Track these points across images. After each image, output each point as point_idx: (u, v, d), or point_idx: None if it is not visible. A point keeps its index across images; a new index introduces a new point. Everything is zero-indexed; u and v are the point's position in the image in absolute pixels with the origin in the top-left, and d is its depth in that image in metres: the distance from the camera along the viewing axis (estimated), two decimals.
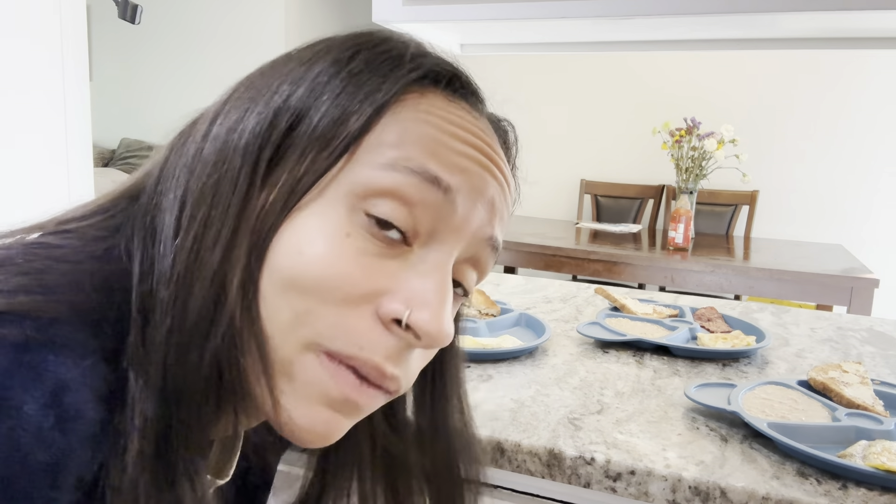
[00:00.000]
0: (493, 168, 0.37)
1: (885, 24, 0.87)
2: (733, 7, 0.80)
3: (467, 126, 0.37)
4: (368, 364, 0.34)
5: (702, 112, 3.09)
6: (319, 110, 0.35)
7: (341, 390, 0.34)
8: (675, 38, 1.05)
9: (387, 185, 0.34)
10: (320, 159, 0.34)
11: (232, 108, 0.36)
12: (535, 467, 0.61)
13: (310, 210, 0.34)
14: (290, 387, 0.34)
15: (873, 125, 3.35)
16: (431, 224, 0.35)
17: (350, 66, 0.36)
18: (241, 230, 0.33)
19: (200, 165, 0.34)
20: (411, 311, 0.33)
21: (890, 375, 0.87)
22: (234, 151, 0.34)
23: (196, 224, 0.33)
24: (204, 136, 0.35)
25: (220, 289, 0.32)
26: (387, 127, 0.35)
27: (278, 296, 0.33)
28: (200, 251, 0.32)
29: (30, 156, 1.50)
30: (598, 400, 0.73)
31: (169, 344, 0.31)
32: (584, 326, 0.97)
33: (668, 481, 0.57)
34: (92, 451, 0.28)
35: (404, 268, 0.35)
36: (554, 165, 3.98)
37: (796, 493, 0.54)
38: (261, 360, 0.33)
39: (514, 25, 0.98)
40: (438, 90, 0.38)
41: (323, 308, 0.33)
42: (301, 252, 0.33)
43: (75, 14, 1.54)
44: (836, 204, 3.45)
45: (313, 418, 0.34)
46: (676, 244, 2.59)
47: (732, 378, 0.83)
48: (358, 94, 0.35)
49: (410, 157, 0.34)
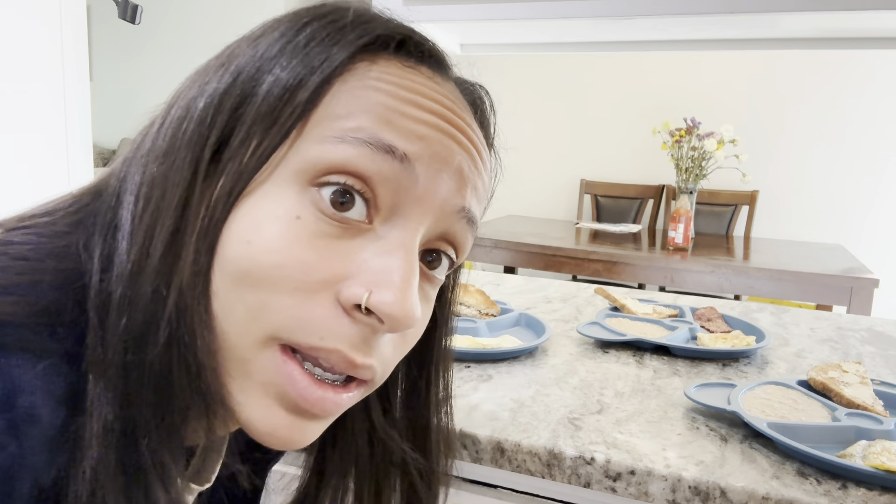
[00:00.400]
0: (457, 134, 0.35)
1: (885, 24, 0.87)
2: (733, 7, 0.80)
3: (424, 91, 0.34)
4: (333, 354, 0.32)
5: (702, 112, 3.09)
6: (264, 88, 0.33)
7: (298, 392, 0.32)
8: (675, 38, 1.05)
9: (337, 159, 0.32)
10: (266, 139, 0.32)
11: (182, 97, 0.35)
12: (535, 467, 0.62)
13: (258, 195, 0.32)
14: (249, 386, 0.32)
15: (873, 125, 3.35)
16: (391, 198, 0.33)
17: (297, 38, 0.34)
18: (188, 222, 0.31)
19: (153, 158, 0.33)
20: (371, 293, 0.31)
21: (890, 375, 0.87)
22: (181, 141, 0.33)
23: (146, 218, 0.32)
24: (158, 129, 0.34)
25: (167, 286, 0.30)
26: (335, 98, 0.33)
27: (230, 290, 0.31)
28: (150, 247, 0.31)
29: (30, 156, 1.50)
30: (598, 400, 0.73)
31: (125, 345, 0.30)
32: (584, 326, 0.97)
33: (668, 481, 0.57)
34: (49, 457, 0.27)
35: (364, 248, 0.32)
36: (554, 165, 3.98)
37: (796, 493, 0.54)
38: (217, 360, 0.32)
39: (513, 25, 0.98)
40: (391, 56, 0.35)
41: (277, 299, 0.31)
42: (249, 241, 0.31)
43: (75, 14, 1.54)
44: (836, 204, 3.45)
45: (274, 423, 0.32)
46: (676, 244, 2.59)
47: (732, 378, 0.83)
48: (304, 67, 0.33)
49: (361, 127, 0.32)
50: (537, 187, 3.99)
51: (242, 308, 0.31)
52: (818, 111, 3.44)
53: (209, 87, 0.34)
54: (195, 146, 0.32)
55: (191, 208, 0.32)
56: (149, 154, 0.33)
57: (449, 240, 0.36)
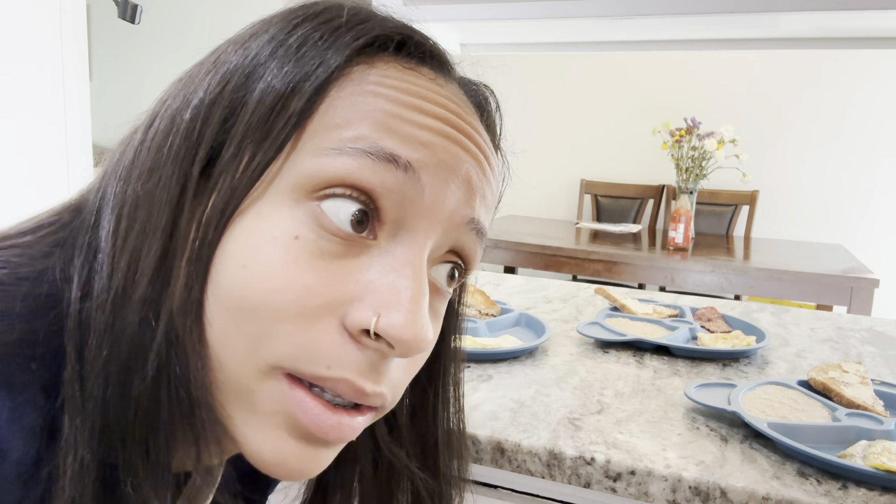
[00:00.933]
0: (463, 140, 0.32)
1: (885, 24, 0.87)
2: (733, 7, 0.80)
3: (427, 95, 0.32)
4: (341, 384, 0.29)
5: (702, 112, 3.09)
6: (255, 97, 0.30)
7: (312, 420, 0.29)
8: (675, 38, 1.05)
9: (336, 172, 0.29)
10: (259, 153, 0.30)
11: (167, 108, 0.32)
12: (535, 467, 0.61)
13: (252, 213, 0.29)
14: (254, 418, 0.30)
15: (873, 124, 3.35)
16: (396, 211, 0.30)
17: (288, 41, 0.31)
18: (177, 245, 0.29)
19: (136, 174, 0.31)
20: (379, 317, 0.29)
21: (890, 375, 0.87)
22: (167, 156, 0.30)
23: (131, 241, 0.29)
24: (141, 142, 0.32)
25: (155, 316, 0.28)
26: (331, 106, 0.30)
27: (226, 318, 0.29)
28: (136, 272, 0.29)
29: (30, 156, 1.50)
30: (598, 400, 0.73)
31: (107, 378, 0.28)
32: (584, 326, 0.97)
33: (668, 481, 0.57)
34: (19, 495, 0.26)
35: (369, 266, 0.30)
36: (554, 165, 3.98)
37: (796, 493, 0.54)
38: (213, 393, 0.30)
39: (513, 25, 0.98)
40: (390, 58, 0.33)
41: (278, 328, 0.28)
42: (245, 266, 0.29)
43: (75, 14, 1.54)
44: (836, 204, 3.45)
45: (285, 454, 0.30)
46: (676, 244, 2.59)
47: (732, 378, 0.83)
48: (297, 73, 0.30)
49: (360, 136, 0.30)
50: (537, 187, 3.99)
51: (241, 337, 0.29)
52: (818, 111, 3.44)
53: (195, 96, 0.31)
54: (182, 162, 0.30)
55: (180, 230, 0.29)
56: (131, 169, 0.31)
57: (457, 252, 0.34)
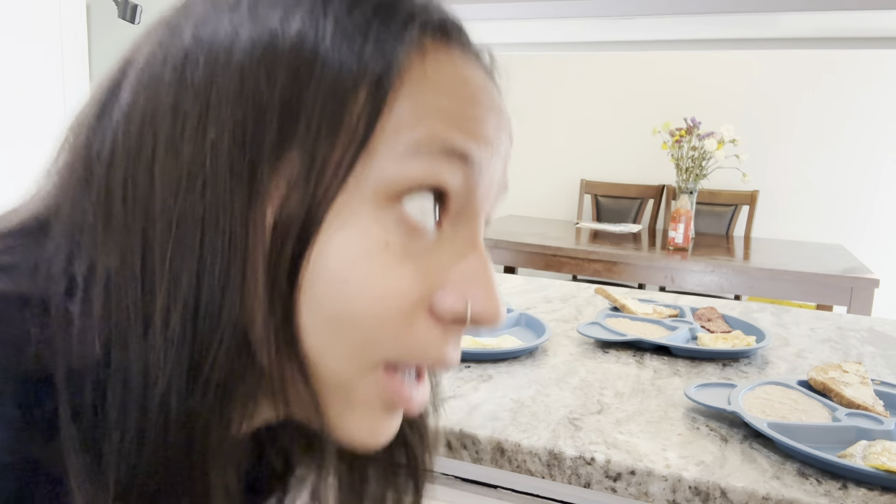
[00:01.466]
0: (501, 119, 0.33)
1: (884, 24, 0.87)
2: (733, 7, 0.80)
3: (477, 82, 0.32)
4: (435, 363, 0.32)
5: (702, 112, 3.09)
6: (315, 95, 0.28)
7: (405, 402, 0.32)
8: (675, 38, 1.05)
9: (417, 175, 0.29)
10: (332, 161, 0.28)
11: (189, 84, 0.28)
12: (535, 467, 0.61)
13: (337, 224, 0.28)
14: (350, 408, 0.32)
15: (874, 124, 3.35)
16: (462, 198, 0.31)
17: (348, 18, 0.29)
18: (253, 266, 0.28)
19: (161, 190, 0.27)
20: (471, 303, 0.31)
21: (890, 375, 0.86)
22: (213, 158, 0.27)
23: (185, 272, 0.27)
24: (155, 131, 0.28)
25: (245, 344, 0.28)
26: (397, 102, 0.29)
27: (325, 328, 0.29)
28: (209, 304, 0.27)
29: (29, 156, 1.50)
30: (598, 400, 0.73)
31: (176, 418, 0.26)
32: (584, 326, 0.97)
33: (668, 481, 0.57)
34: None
35: (441, 252, 0.31)
36: (554, 165, 3.98)
37: (796, 493, 0.54)
38: (309, 392, 0.30)
39: (513, 25, 0.98)
40: (435, 43, 0.31)
41: (382, 331, 0.30)
42: (346, 281, 0.28)
43: (75, 14, 1.54)
44: (837, 204, 3.45)
45: (376, 429, 0.32)
46: (676, 244, 2.59)
47: (732, 378, 0.83)
48: (359, 64, 0.28)
49: (434, 136, 0.29)
50: (537, 187, 3.99)
51: (342, 344, 0.29)
52: (818, 111, 3.44)
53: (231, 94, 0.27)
54: (241, 176, 0.27)
55: (253, 250, 0.27)
56: (145, 185, 0.27)
57: (487, 217, 0.35)
